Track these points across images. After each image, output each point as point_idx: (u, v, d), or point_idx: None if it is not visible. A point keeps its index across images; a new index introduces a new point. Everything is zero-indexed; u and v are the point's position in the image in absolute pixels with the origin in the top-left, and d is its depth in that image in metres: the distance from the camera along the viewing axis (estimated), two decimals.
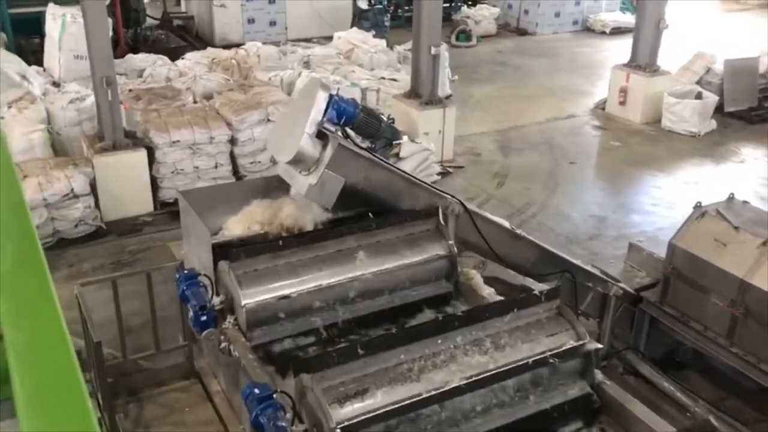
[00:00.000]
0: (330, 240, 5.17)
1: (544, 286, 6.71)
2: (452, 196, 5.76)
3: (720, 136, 13.63)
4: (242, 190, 5.79)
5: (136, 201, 9.72)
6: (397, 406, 3.90)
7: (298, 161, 5.18)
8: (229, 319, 4.67)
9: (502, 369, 4.23)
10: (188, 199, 5.41)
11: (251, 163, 10.80)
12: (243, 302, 4.59)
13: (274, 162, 10.93)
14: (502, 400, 4.23)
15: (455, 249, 5.27)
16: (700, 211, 6.77)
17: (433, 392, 4.01)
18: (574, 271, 6.80)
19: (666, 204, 11.14)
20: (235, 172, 10.72)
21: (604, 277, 7.10)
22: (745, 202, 7.05)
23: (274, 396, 3.68)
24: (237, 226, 5.63)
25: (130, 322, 5.86)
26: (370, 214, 6.02)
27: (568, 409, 4.39)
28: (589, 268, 7.12)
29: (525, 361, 4.30)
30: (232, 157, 10.61)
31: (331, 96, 5.22)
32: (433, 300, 5.20)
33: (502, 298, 5.03)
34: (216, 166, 10.42)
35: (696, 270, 6.60)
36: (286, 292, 4.77)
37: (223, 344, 4.50)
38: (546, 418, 4.33)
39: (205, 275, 4.82)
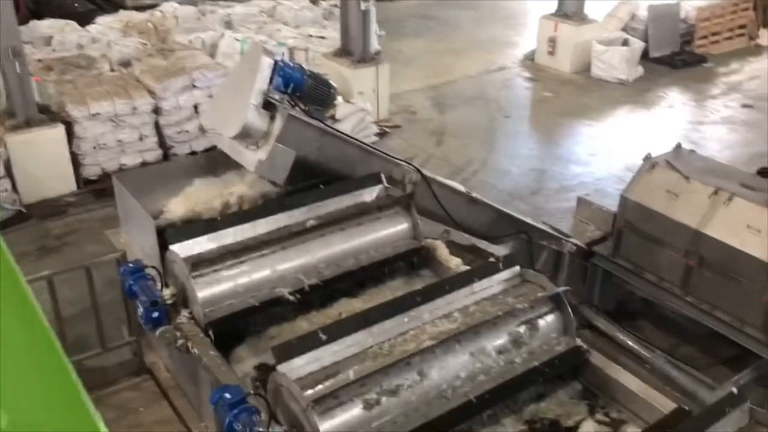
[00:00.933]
0: (284, 214, 4.82)
1: (503, 249, 6.63)
2: (408, 163, 5.49)
3: (647, 82, 13.78)
4: (182, 168, 5.37)
5: (57, 180, 9.03)
6: (369, 376, 3.60)
7: (245, 135, 4.80)
8: (184, 312, 4.30)
9: (473, 327, 4.00)
10: (124, 183, 4.96)
11: (178, 133, 10.21)
12: (198, 294, 4.22)
13: (203, 131, 10.43)
14: (487, 365, 3.99)
15: (417, 219, 5.01)
16: (650, 163, 6.74)
17: (406, 356, 3.74)
18: (529, 231, 6.70)
19: (602, 153, 11.20)
20: (162, 143, 10.11)
21: (558, 234, 7.03)
22: (691, 151, 7.06)
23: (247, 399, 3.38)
24: (179, 207, 5.23)
25: (65, 315, 5.37)
26: (321, 185, 5.71)
27: (558, 364, 4.17)
28: (542, 226, 7.03)
29: (495, 319, 4.08)
30: (158, 128, 9.98)
31: (275, 62, 4.83)
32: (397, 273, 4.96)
33: (466, 267, 4.82)
34: (141, 139, 9.79)
35: (649, 222, 6.58)
36: (244, 279, 4.42)
37: (180, 341, 4.14)
38: (535, 376, 4.11)
39: (152, 267, 4.41)
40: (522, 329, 4.20)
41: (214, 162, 5.41)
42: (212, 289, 4.29)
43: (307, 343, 3.63)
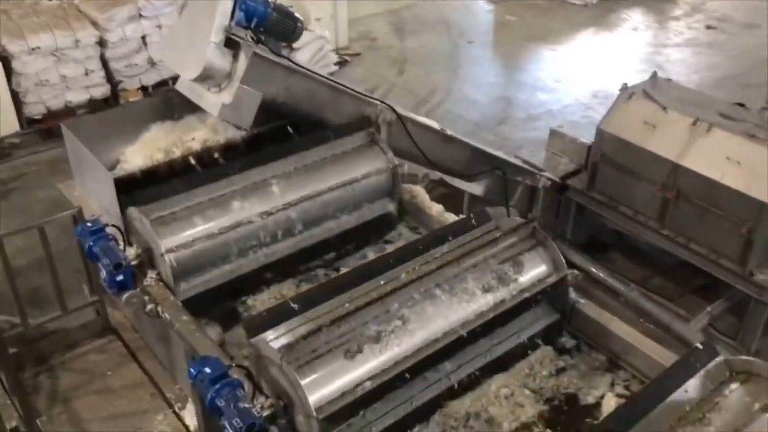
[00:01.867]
0: (254, 166, 4.48)
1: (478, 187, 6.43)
2: (382, 102, 5.16)
3: (611, 2, 13.45)
4: (137, 113, 4.92)
5: None
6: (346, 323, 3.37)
7: (206, 77, 4.39)
8: (151, 274, 4.00)
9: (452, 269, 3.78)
10: (75, 132, 4.53)
11: (126, 66, 9.60)
12: (164, 252, 3.91)
13: (153, 63, 9.82)
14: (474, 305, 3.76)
15: (395, 161, 4.73)
16: (627, 93, 6.51)
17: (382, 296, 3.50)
18: (504, 167, 6.48)
19: (568, 80, 10.97)
20: (109, 78, 9.50)
21: (532, 169, 6.84)
22: (668, 80, 6.86)
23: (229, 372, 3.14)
24: (137, 156, 4.84)
25: (18, 266, 4.99)
26: (288, 127, 5.35)
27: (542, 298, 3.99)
28: (516, 161, 6.83)
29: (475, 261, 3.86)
30: (104, 62, 9.35)
31: None
32: (376, 223, 4.70)
33: (450, 215, 4.58)
34: (86, 74, 9.16)
35: (625, 155, 6.42)
36: (214, 232, 4.11)
37: (149, 306, 3.85)
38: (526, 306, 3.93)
39: (113, 225, 4.06)
40: (506, 266, 3.95)
41: (171, 105, 4.98)
42: (180, 249, 3.97)
43: (280, 314, 3.35)
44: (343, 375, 3.25)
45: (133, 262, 3.99)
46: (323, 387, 3.15)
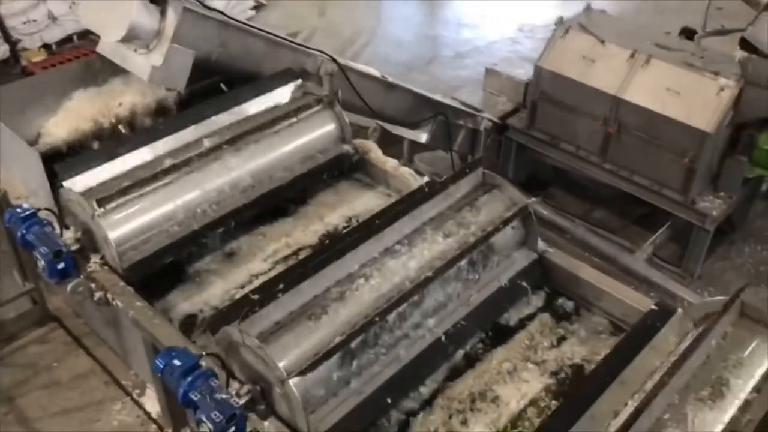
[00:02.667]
0: (190, 129, 4.15)
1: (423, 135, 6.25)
2: (321, 52, 4.86)
3: None
4: (56, 80, 4.46)
5: None
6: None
7: (131, 37, 3.99)
8: (94, 258, 3.67)
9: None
10: None
11: (24, 23, 8.84)
12: (109, 234, 3.58)
13: (53, 18, 9.07)
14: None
15: (345, 118, 4.47)
16: (563, 28, 6.40)
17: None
18: (446, 112, 6.32)
19: (492, 15, 10.80)
20: (7, 38, 8.72)
21: (473, 111, 6.70)
22: (602, 12, 6.78)
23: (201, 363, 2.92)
24: (60, 128, 4.43)
25: None
26: (222, 85, 5.01)
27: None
28: (456, 104, 6.67)
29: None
30: None
31: None
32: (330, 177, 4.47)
33: (407, 170, 4.38)
34: None
35: (565, 92, 6.35)
36: (157, 210, 3.79)
37: (98, 294, 3.54)
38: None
39: (46, 210, 3.69)
40: (464, 212, 3.76)
41: (92, 68, 4.54)
42: (123, 227, 3.64)
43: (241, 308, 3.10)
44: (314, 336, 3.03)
45: (73, 248, 3.65)
46: (298, 359, 2.94)
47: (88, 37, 9.46)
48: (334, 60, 4.88)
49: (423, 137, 6.24)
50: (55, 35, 9.12)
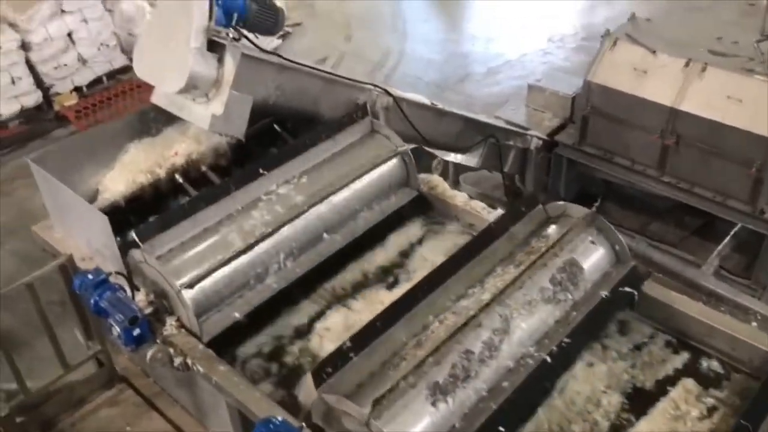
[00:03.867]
0: (255, 178, 4.00)
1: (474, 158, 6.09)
2: (375, 86, 4.72)
3: None
4: (110, 134, 4.34)
5: None
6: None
7: (191, 87, 3.86)
8: (170, 321, 3.53)
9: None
10: (45, 166, 3.96)
11: (56, 68, 8.81)
12: (187, 298, 3.44)
13: (83, 61, 9.03)
14: None
15: (414, 165, 4.34)
16: (611, 39, 6.22)
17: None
18: (496, 134, 6.16)
19: (518, 27, 10.64)
20: (39, 83, 8.70)
21: (521, 131, 6.53)
22: (648, 20, 6.59)
23: None
24: (117, 182, 4.31)
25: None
26: (275, 125, 4.88)
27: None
28: (503, 124, 6.50)
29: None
30: (31, 67, 8.53)
31: None
32: (396, 220, 4.30)
33: (478, 203, 4.22)
34: (13, 82, 8.37)
35: (618, 105, 6.16)
36: (233, 269, 3.64)
37: (178, 360, 3.40)
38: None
39: (118, 273, 3.56)
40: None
41: (146, 119, 4.43)
42: (199, 287, 3.51)
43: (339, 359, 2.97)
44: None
45: (147, 311, 3.52)
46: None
47: (116, 77, 9.46)
48: (388, 93, 4.74)
49: (474, 161, 6.08)
50: (86, 77, 9.10)
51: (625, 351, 3.62)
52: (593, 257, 3.73)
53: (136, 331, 3.42)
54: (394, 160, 4.33)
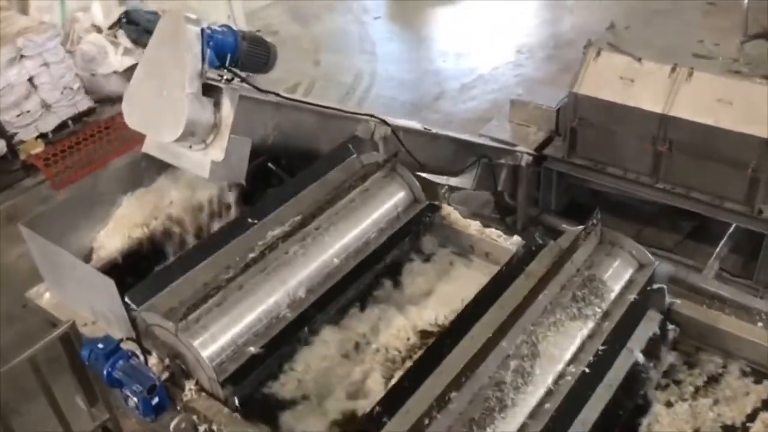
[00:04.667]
0: (259, 227, 3.80)
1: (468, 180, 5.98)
2: (371, 116, 4.58)
3: None
4: (102, 188, 4.12)
5: None
6: None
7: (188, 135, 3.67)
8: (189, 386, 3.31)
9: None
10: (37, 230, 3.71)
11: (18, 116, 8.50)
12: (206, 357, 3.23)
13: (46, 106, 8.73)
14: None
15: (411, 176, 4.19)
16: (594, 50, 6.18)
17: None
18: (488, 153, 6.06)
19: (486, 41, 10.61)
20: (2, 132, 8.36)
21: (510, 148, 6.45)
22: (627, 28, 6.58)
23: None
24: (112, 238, 4.11)
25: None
26: (269, 164, 4.70)
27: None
28: (492, 143, 6.41)
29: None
30: None
31: (202, 31, 3.67)
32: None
33: (494, 231, 4.09)
34: None
35: (606, 115, 6.12)
36: (243, 320, 3.44)
37: (203, 427, 3.18)
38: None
39: (128, 339, 3.33)
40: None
41: (137, 169, 4.21)
42: (216, 345, 3.30)
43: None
44: None
45: (164, 377, 3.30)
46: None
47: (82, 120, 9.17)
48: (386, 122, 4.60)
49: (468, 183, 5.97)
50: (50, 123, 8.81)
51: (700, 384, 3.47)
52: (612, 268, 3.62)
53: (155, 400, 3.20)
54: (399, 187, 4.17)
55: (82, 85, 9.06)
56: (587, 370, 3.21)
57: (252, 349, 3.44)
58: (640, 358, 3.41)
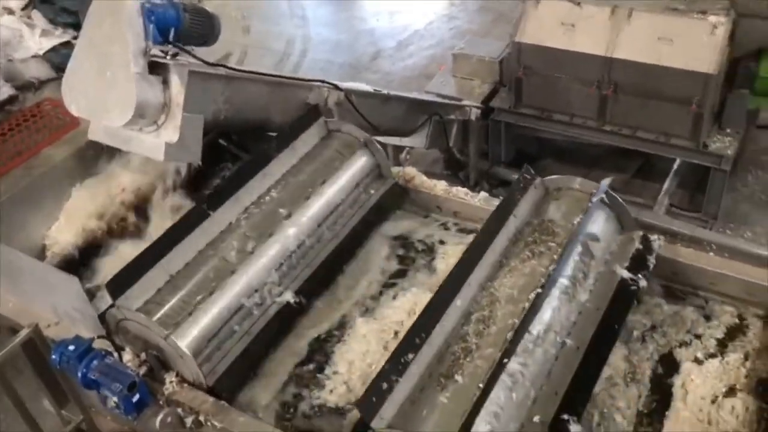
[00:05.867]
0: (225, 201, 3.65)
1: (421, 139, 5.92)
2: (324, 82, 4.45)
3: None
4: (49, 181, 3.90)
5: None
6: None
7: (139, 117, 3.48)
8: (169, 378, 3.19)
9: None
10: None
11: None
12: (185, 348, 3.11)
13: None
14: None
15: (382, 152, 4.10)
16: None
17: None
18: (439, 111, 6.01)
19: None
20: None
21: (458, 103, 6.41)
22: None
23: None
24: (65, 233, 3.92)
25: None
26: (220, 140, 4.55)
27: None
28: (440, 100, 6.35)
29: None
30: None
31: (142, 6, 3.46)
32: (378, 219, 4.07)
33: (461, 189, 4.04)
34: None
35: (551, 62, 6.13)
36: (221, 305, 3.31)
37: (190, 419, 3.08)
38: None
39: (101, 337, 3.18)
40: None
41: (84, 158, 4.00)
42: (195, 335, 3.17)
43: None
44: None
45: (142, 372, 3.17)
46: None
47: (4, 109, 8.67)
48: (338, 87, 4.48)
49: (421, 142, 5.91)
50: None
51: (720, 336, 3.41)
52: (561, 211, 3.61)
53: (136, 397, 3.07)
54: (363, 156, 4.07)
55: (0, 73, 8.54)
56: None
57: (234, 335, 3.35)
58: (625, 273, 3.39)
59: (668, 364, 3.32)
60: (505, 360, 2.84)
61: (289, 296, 3.54)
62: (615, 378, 3.25)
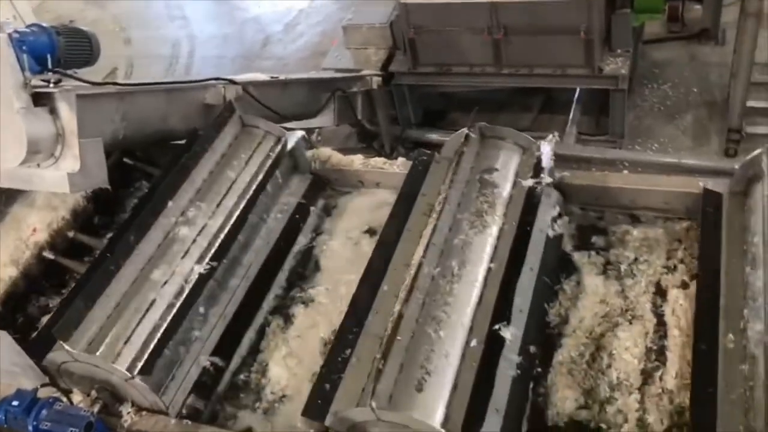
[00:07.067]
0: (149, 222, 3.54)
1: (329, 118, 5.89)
2: (217, 79, 4.35)
3: None
4: None
5: None
6: None
7: (34, 153, 3.33)
8: (126, 409, 3.09)
9: None
10: None
11: None
12: (133, 375, 3.02)
13: None
14: None
15: (281, 132, 4.04)
16: None
17: None
18: (340, 85, 5.98)
19: None
20: None
21: (358, 74, 6.39)
22: None
23: None
24: None
25: None
26: (125, 159, 4.41)
27: None
28: (344, 74, 6.32)
29: None
30: None
31: (10, 36, 3.29)
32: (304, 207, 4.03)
33: (380, 159, 4.03)
34: None
35: (440, 18, 6.18)
36: (163, 322, 3.23)
37: None
38: None
39: (43, 386, 3.05)
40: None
41: None
42: (142, 362, 3.08)
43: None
44: None
45: (96, 410, 3.07)
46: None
47: None
48: (233, 81, 4.39)
49: (330, 120, 5.88)
50: None
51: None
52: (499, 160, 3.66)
53: None
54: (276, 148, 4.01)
55: None
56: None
57: (181, 351, 3.29)
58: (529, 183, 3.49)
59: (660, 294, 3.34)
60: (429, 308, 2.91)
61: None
62: (615, 316, 3.26)
